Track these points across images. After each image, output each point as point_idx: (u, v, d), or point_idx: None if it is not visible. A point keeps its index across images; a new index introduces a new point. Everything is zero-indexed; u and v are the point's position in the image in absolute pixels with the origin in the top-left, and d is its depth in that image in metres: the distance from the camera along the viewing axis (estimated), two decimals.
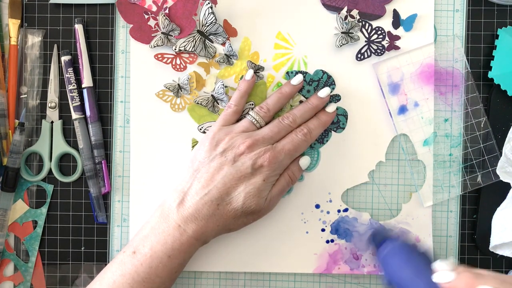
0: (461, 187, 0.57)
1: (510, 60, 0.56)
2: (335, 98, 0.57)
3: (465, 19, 0.57)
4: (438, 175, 0.57)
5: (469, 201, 0.58)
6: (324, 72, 0.57)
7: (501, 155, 0.54)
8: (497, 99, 0.57)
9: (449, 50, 0.57)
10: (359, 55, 0.57)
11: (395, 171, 0.57)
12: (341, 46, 0.56)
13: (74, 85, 0.57)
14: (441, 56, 0.57)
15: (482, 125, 0.57)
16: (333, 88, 0.57)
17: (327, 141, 0.57)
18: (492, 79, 0.56)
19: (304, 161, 0.55)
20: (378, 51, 0.57)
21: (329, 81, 0.57)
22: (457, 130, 0.57)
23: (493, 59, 0.56)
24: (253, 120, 0.53)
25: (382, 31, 0.57)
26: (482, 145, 0.57)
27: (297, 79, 0.55)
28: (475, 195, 0.58)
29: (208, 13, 0.56)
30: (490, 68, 0.56)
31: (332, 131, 0.57)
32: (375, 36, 0.57)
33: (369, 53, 0.57)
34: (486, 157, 0.57)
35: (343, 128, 0.57)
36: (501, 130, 0.57)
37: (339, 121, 0.57)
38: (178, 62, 0.57)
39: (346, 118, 0.57)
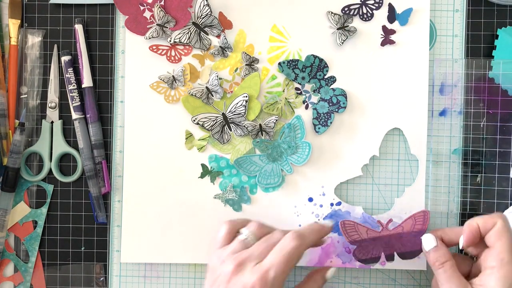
0: (461, 187, 0.57)
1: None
2: (330, 80, 0.57)
3: (465, 19, 0.57)
4: (437, 175, 0.57)
5: (469, 201, 0.58)
6: (315, 57, 0.57)
7: None
8: (497, 99, 0.57)
9: (449, 50, 0.57)
10: (346, 8, 0.56)
11: (388, 165, 0.57)
12: (343, 43, 0.56)
13: (74, 85, 0.57)
14: (441, 56, 0.57)
15: (482, 126, 0.57)
16: (327, 71, 0.57)
17: (330, 123, 0.56)
18: (492, 79, 0.56)
19: (330, 273, 0.52)
20: (365, 16, 0.56)
21: (322, 65, 0.57)
22: (457, 130, 0.57)
23: (493, 59, 0.56)
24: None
25: (380, 2, 0.56)
26: (482, 146, 0.57)
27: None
28: (475, 195, 0.58)
29: (204, 5, 0.56)
30: (490, 68, 0.56)
31: (334, 112, 0.57)
32: (372, 1, 0.56)
33: (355, 13, 0.56)
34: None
35: (344, 108, 0.56)
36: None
37: (339, 102, 0.56)
38: (173, 53, 0.57)
39: (346, 97, 0.56)
